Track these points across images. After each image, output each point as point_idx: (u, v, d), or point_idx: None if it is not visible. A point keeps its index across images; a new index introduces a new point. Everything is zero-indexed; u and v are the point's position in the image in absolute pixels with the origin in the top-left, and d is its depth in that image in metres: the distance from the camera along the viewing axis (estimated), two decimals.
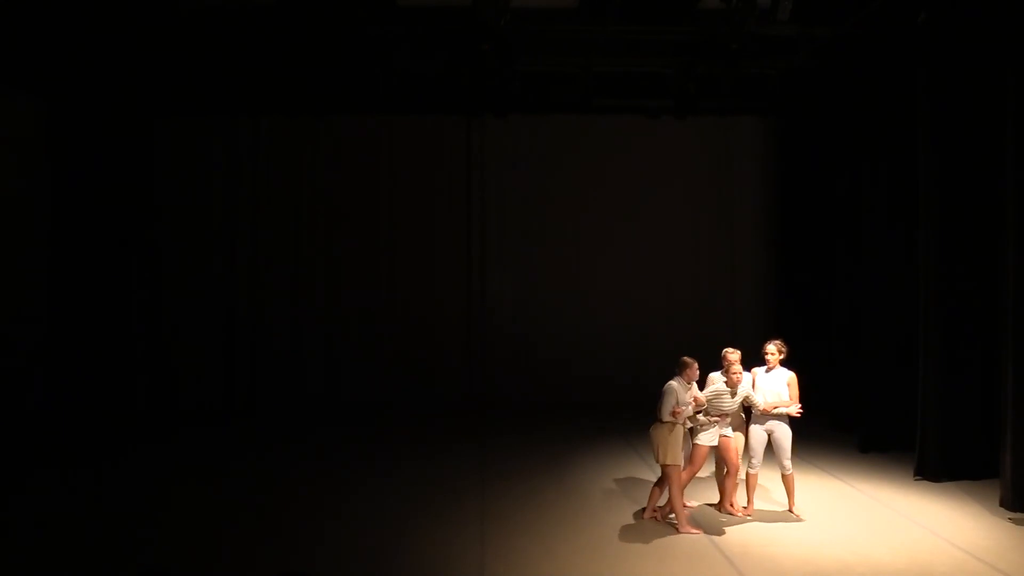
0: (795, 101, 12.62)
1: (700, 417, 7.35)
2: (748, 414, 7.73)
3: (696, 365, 7.36)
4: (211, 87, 12.04)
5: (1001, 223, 8.08)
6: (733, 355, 7.50)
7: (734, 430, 7.67)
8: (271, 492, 8.54)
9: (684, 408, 7.17)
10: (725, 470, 7.74)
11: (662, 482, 7.57)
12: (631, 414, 11.65)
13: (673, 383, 7.23)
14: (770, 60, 10.94)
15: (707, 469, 8.37)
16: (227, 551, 6.83)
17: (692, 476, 7.58)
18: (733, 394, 7.39)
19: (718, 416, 7.39)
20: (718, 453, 7.67)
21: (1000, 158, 8.07)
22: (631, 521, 7.54)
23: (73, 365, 11.36)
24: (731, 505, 7.72)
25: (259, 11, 9.51)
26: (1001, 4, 7.98)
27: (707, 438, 7.42)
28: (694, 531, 7.18)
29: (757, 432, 7.62)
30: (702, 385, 7.55)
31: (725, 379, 7.43)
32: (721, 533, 7.18)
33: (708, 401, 7.36)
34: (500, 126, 13.27)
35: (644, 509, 7.66)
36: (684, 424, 7.32)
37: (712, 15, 9.24)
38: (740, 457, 7.73)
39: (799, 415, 7.55)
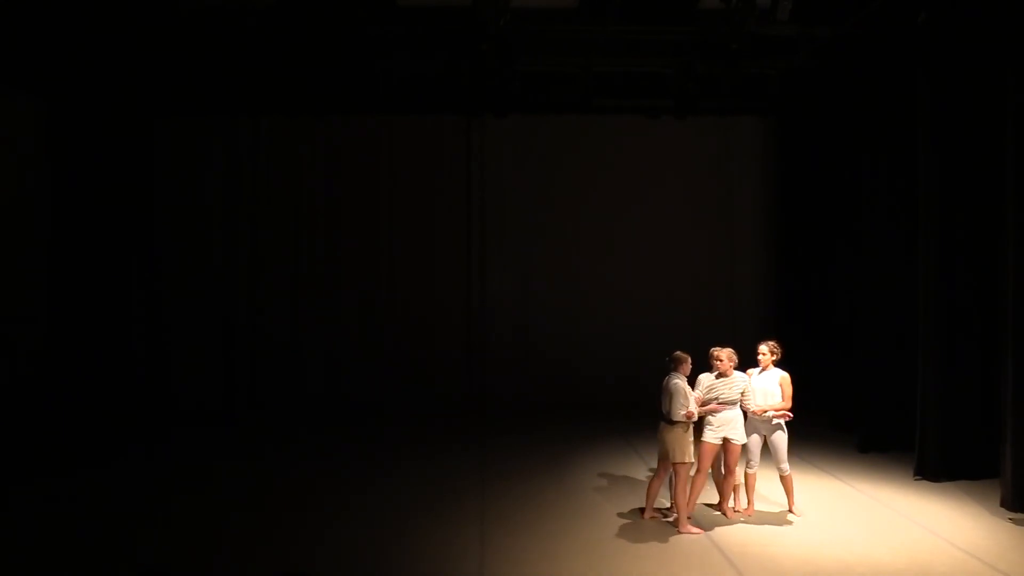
0: (795, 101, 12.62)
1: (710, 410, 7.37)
2: (744, 416, 7.71)
3: (689, 360, 7.38)
4: (211, 87, 12.03)
5: (1001, 223, 8.08)
6: (718, 351, 7.52)
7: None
8: (271, 492, 8.54)
9: (694, 411, 7.20)
10: (724, 472, 7.68)
11: (658, 478, 7.58)
12: (631, 414, 11.68)
13: (678, 381, 7.23)
14: (770, 60, 10.93)
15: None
16: (227, 551, 6.83)
17: (704, 476, 7.47)
18: (727, 383, 7.39)
19: (723, 404, 7.34)
20: (722, 454, 7.58)
21: (1000, 158, 8.07)
22: (631, 521, 7.54)
23: (73, 365, 11.35)
24: (733, 508, 7.70)
25: (259, 11, 9.50)
26: (1001, 4, 7.98)
27: (713, 436, 7.36)
28: (694, 531, 7.18)
29: (752, 433, 7.62)
30: (692, 385, 7.54)
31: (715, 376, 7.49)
32: (721, 533, 7.17)
33: (705, 398, 7.37)
34: (500, 126, 13.27)
35: (644, 509, 7.66)
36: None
37: (712, 15, 9.24)
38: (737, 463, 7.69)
39: (788, 418, 7.56)
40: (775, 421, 7.55)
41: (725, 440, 7.40)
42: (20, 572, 6.46)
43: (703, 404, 7.35)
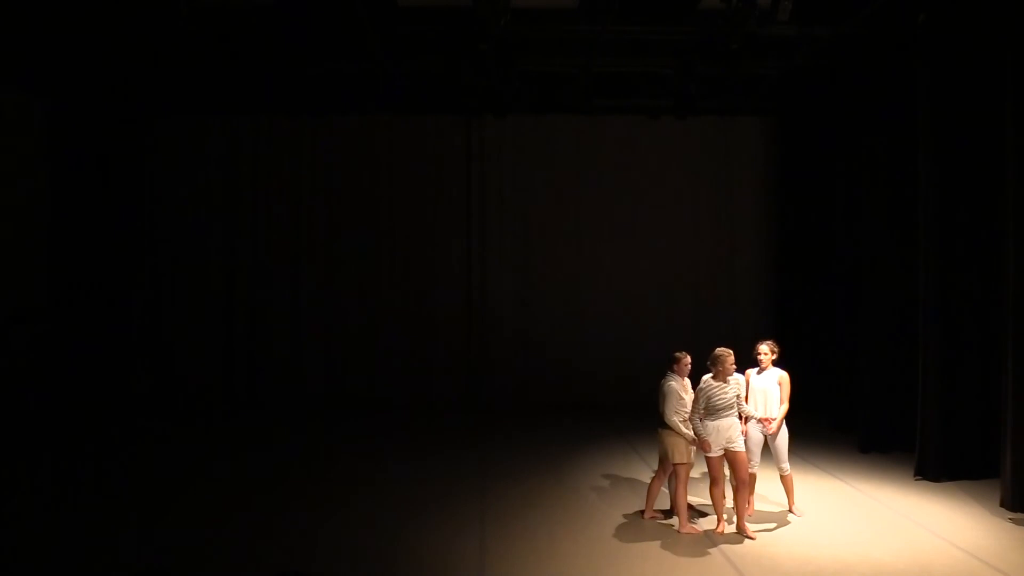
0: (795, 101, 12.62)
1: (706, 424, 7.06)
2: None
3: (688, 359, 7.35)
4: (211, 87, 12.03)
5: (1001, 223, 8.08)
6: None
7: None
8: (271, 492, 8.54)
9: (693, 437, 7.16)
10: (735, 484, 7.23)
11: (658, 479, 7.56)
12: (631, 414, 11.68)
13: (672, 383, 7.21)
14: (770, 60, 10.93)
15: (699, 469, 8.37)
16: (227, 551, 6.83)
17: (720, 488, 7.16)
18: (725, 387, 7.06)
19: (723, 409, 7.01)
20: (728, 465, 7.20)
21: (1000, 158, 8.07)
22: (631, 521, 7.54)
23: (73, 364, 11.36)
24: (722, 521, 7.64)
25: (259, 11, 9.50)
26: (1000, 4, 7.98)
27: (715, 448, 7.05)
28: (694, 531, 7.18)
29: (754, 433, 7.59)
30: (694, 387, 7.52)
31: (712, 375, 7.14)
32: (721, 533, 7.17)
33: (705, 408, 7.05)
34: (500, 126, 13.28)
35: (644, 510, 7.66)
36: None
37: (712, 15, 9.23)
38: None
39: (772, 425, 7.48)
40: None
41: (726, 449, 7.10)
42: (20, 571, 6.45)
43: (696, 406, 7.12)
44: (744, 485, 7.15)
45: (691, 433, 7.16)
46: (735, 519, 7.22)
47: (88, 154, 11.71)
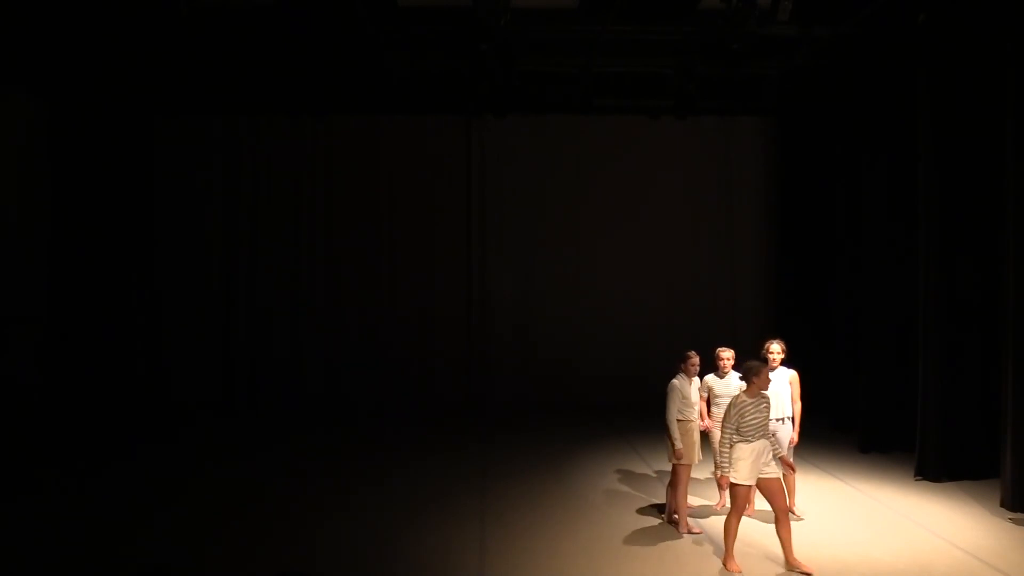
0: (795, 101, 12.62)
1: (719, 443, 6.34)
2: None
3: (696, 358, 7.28)
4: (211, 87, 12.04)
5: (1001, 223, 8.09)
6: (726, 353, 7.48)
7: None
8: (271, 493, 8.54)
9: (682, 451, 7.05)
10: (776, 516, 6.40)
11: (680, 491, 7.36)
12: (630, 414, 11.69)
13: (675, 381, 7.19)
14: (770, 60, 10.94)
15: (704, 470, 8.38)
16: (227, 551, 6.83)
17: (739, 520, 6.36)
18: (761, 403, 6.26)
19: (757, 429, 6.18)
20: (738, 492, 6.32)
21: (1000, 158, 8.08)
22: (632, 521, 7.53)
23: (73, 365, 11.35)
24: (719, 503, 7.63)
25: (259, 11, 9.51)
26: (1000, 4, 7.99)
27: (745, 474, 6.20)
28: (695, 531, 7.18)
29: None
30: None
31: (743, 385, 6.40)
32: (722, 534, 7.15)
33: (737, 427, 6.18)
34: (500, 126, 13.28)
35: (647, 507, 7.65)
36: (695, 423, 7.26)
37: (712, 15, 9.24)
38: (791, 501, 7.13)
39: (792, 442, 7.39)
40: (785, 421, 7.48)
41: (763, 479, 6.25)
42: (20, 572, 6.45)
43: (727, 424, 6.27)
44: (785, 515, 6.28)
45: (680, 443, 7.08)
46: (784, 555, 6.39)
47: (88, 155, 11.71)
